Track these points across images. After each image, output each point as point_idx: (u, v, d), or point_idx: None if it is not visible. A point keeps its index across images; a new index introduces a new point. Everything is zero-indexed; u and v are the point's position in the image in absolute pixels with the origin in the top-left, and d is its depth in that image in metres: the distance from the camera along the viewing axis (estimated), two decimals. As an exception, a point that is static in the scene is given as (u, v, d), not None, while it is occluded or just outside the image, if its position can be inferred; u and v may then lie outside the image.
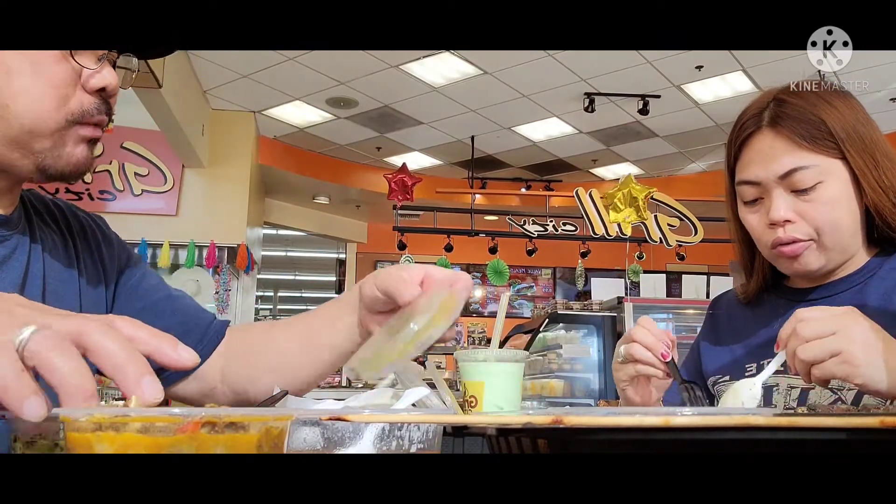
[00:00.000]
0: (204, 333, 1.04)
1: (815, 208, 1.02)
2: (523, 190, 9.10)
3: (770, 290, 1.19)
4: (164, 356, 0.49)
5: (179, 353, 0.50)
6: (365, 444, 0.48)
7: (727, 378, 1.16)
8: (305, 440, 0.49)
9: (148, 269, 1.09)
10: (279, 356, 1.00)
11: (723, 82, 6.24)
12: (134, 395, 0.44)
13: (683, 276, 6.61)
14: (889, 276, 1.05)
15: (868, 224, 1.06)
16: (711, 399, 1.19)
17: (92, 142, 0.86)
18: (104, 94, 0.85)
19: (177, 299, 1.06)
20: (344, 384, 7.76)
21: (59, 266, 0.95)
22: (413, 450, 0.50)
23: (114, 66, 0.86)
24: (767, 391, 1.09)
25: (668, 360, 1.00)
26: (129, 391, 0.44)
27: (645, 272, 6.70)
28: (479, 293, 10.38)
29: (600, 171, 8.84)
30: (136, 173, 6.80)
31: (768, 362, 1.11)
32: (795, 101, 1.05)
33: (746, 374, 1.13)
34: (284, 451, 0.51)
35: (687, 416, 0.41)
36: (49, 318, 0.46)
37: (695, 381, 1.03)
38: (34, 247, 0.92)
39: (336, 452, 0.48)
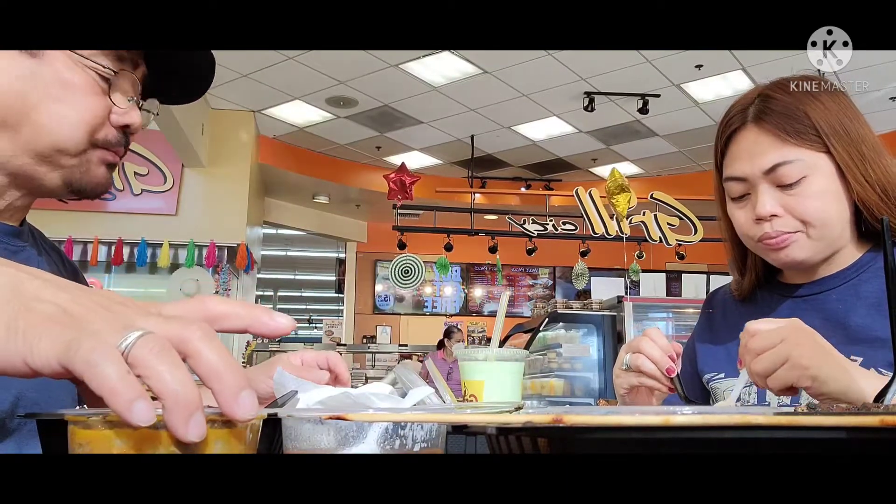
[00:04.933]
0: None
1: (800, 202, 1.03)
2: (523, 189, 9.11)
3: (763, 286, 1.19)
4: (262, 325, 0.49)
5: (276, 321, 0.49)
6: (369, 444, 0.48)
7: (722, 375, 1.16)
8: (309, 439, 0.50)
9: None
10: None
11: (723, 81, 6.25)
12: (231, 409, 0.42)
13: (683, 275, 6.61)
14: (883, 273, 1.04)
15: (857, 218, 1.07)
16: (707, 398, 1.20)
17: (111, 166, 0.95)
18: (127, 131, 0.94)
19: None
20: (344, 383, 7.76)
21: None
22: (416, 449, 0.50)
23: (139, 106, 0.95)
24: (761, 391, 1.09)
25: (674, 375, 1.00)
26: (226, 404, 0.43)
27: (645, 271, 6.71)
28: (479, 293, 10.40)
29: (600, 171, 8.84)
30: (135, 173, 6.80)
31: None
32: (780, 97, 1.05)
33: (740, 370, 1.13)
34: (282, 446, 0.51)
35: (687, 416, 0.42)
36: (150, 320, 0.44)
37: (695, 398, 1.04)
38: (41, 265, 0.99)
39: (340, 452, 0.49)
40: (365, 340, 9.48)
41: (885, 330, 0.96)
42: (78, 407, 0.51)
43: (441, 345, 7.43)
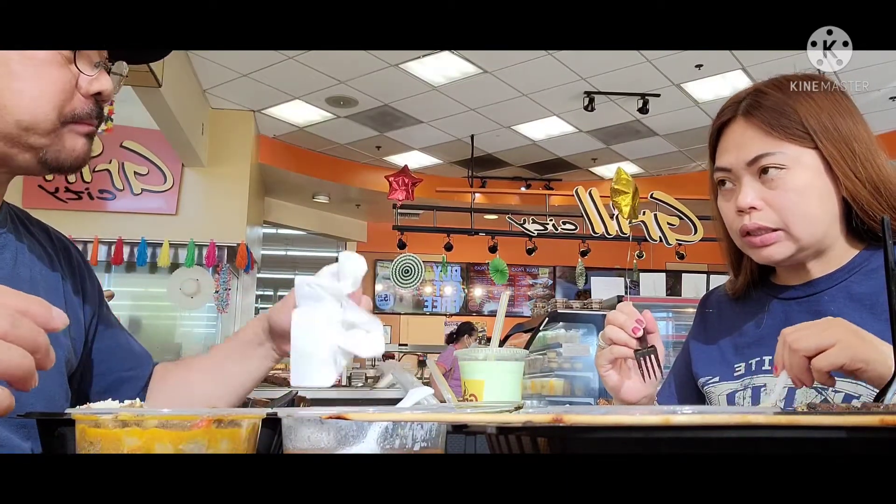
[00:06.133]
0: (146, 378, 1.08)
1: (780, 196, 1.03)
2: (523, 189, 9.10)
3: (758, 286, 1.19)
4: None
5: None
6: (369, 444, 0.48)
7: (717, 379, 1.16)
8: (309, 439, 0.50)
9: (107, 310, 1.12)
10: (200, 397, 1.04)
11: (723, 81, 6.24)
12: (51, 325, 0.51)
13: (683, 274, 6.61)
14: (875, 275, 1.04)
15: (848, 217, 1.06)
16: (702, 402, 1.19)
17: (88, 136, 0.90)
18: (98, 98, 0.89)
19: (130, 344, 1.10)
20: (344, 383, 7.76)
21: (46, 274, 0.97)
22: (416, 448, 0.50)
23: (108, 71, 0.90)
24: (756, 392, 1.09)
25: (639, 335, 1.00)
26: (47, 324, 0.51)
27: (645, 271, 6.71)
28: (479, 292, 10.40)
29: (600, 170, 8.84)
30: (135, 172, 6.80)
31: (756, 362, 1.11)
32: (772, 93, 1.06)
33: (735, 373, 1.13)
34: (284, 446, 0.51)
35: (687, 416, 0.42)
36: None
37: (652, 348, 1.03)
38: (21, 250, 0.95)
39: (340, 452, 0.49)
40: (365, 340, 9.47)
41: (876, 333, 0.96)
42: (82, 406, 0.52)
43: (453, 339, 7.33)
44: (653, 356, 1.01)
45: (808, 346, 0.82)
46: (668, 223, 6.68)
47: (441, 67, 6.12)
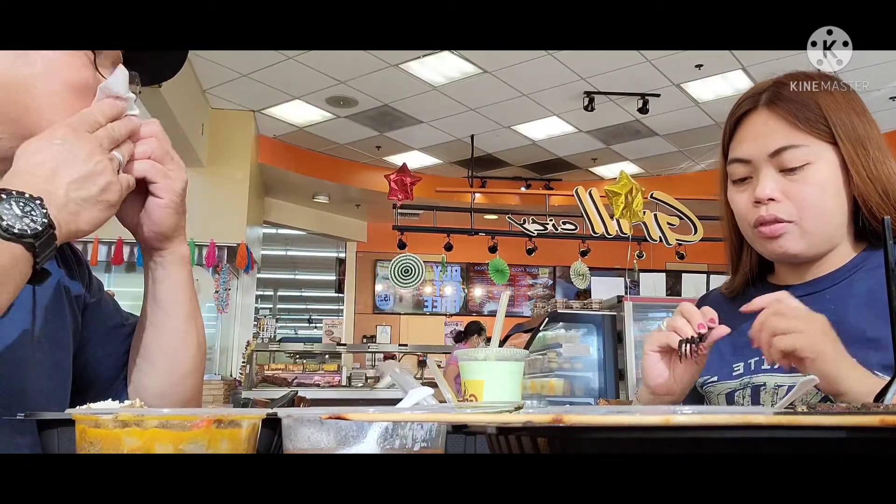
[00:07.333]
0: None
1: (801, 189, 1.03)
2: (523, 189, 9.11)
3: (757, 285, 1.19)
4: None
5: None
6: (369, 444, 0.48)
7: (715, 378, 1.15)
8: (309, 439, 0.50)
9: (105, 294, 1.11)
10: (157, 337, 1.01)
11: (723, 81, 6.25)
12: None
13: (683, 274, 6.61)
14: (876, 273, 1.04)
15: (855, 216, 1.06)
16: (700, 400, 1.19)
17: None
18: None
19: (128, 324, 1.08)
20: (343, 383, 7.77)
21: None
22: (416, 448, 0.50)
23: None
24: (755, 390, 1.09)
25: (702, 332, 0.98)
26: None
27: (645, 271, 6.71)
28: (479, 292, 10.40)
29: (600, 170, 8.84)
30: (135, 172, 6.79)
31: (756, 361, 1.11)
32: (793, 85, 1.06)
33: (734, 373, 1.13)
34: (284, 446, 0.51)
35: (687, 416, 0.42)
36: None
37: (699, 338, 1.00)
38: None
39: (340, 452, 0.49)
40: (365, 340, 9.48)
41: (877, 330, 0.96)
42: (82, 406, 0.52)
43: (461, 338, 7.28)
44: (695, 345, 0.98)
45: (777, 328, 0.90)
46: (668, 223, 6.68)
47: (441, 67, 6.13)
